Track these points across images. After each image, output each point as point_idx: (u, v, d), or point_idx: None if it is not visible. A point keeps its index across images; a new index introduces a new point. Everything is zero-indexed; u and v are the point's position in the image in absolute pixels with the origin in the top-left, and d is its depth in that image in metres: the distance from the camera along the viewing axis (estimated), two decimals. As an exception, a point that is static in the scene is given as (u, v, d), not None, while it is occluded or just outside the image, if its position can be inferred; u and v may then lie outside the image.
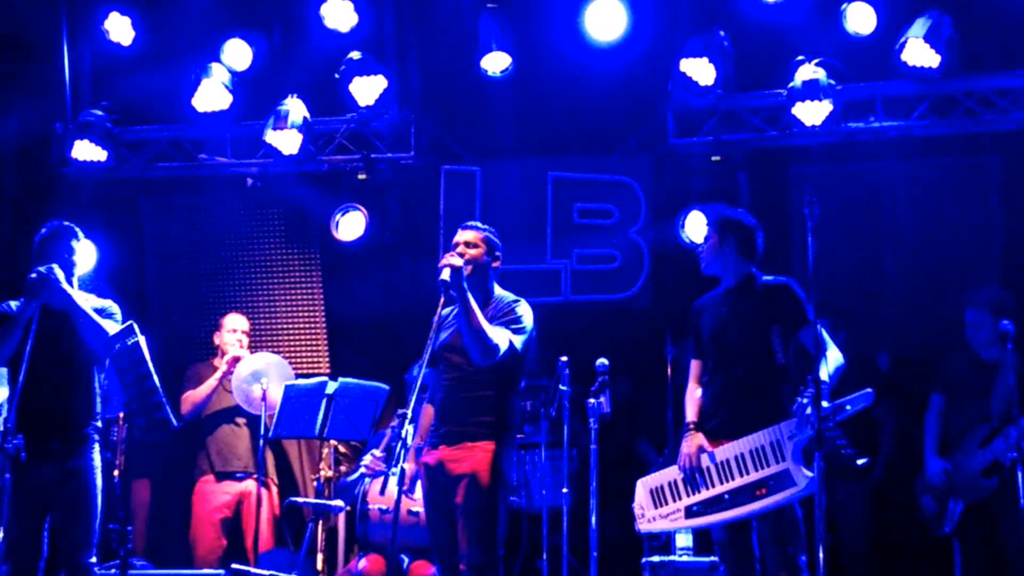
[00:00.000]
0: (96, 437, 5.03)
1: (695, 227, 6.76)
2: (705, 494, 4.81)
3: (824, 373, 4.68)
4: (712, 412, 4.89)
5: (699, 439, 4.85)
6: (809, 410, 4.55)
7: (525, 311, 4.82)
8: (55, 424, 4.98)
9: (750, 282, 4.95)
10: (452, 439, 4.74)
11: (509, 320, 4.76)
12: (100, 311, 5.12)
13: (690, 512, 4.87)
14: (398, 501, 4.42)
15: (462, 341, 4.66)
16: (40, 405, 4.96)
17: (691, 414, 4.95)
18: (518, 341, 4.71)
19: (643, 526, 5.07)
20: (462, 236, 4.90)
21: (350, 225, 7.34)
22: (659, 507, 4.94)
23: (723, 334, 4.91)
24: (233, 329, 7.12)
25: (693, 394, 4.99)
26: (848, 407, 4.78)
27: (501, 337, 4.67)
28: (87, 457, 4.98)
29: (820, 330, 4.79)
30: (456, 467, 4.69)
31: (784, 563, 4.69)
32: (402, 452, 4.52)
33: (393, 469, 4.68)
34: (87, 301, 5.14)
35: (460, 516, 4.65)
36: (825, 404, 4.61)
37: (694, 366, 5.05)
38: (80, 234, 5.18)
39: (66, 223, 5.16)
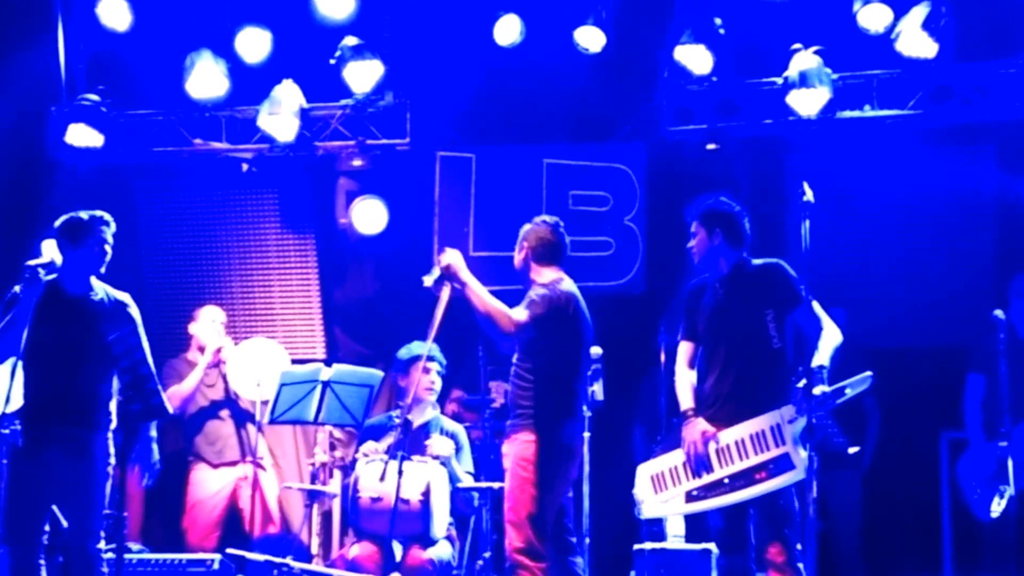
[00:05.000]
0: (108, 423, 5.03)
1: None
2: (706, 479, 4.78)
3: (823, 355, 4.68)
4: (711, 400, 4.86)
5: (702, 424, 4.81)
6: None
7: (540, 292, 4.93)
8: (65, 409, 4.98)
9: (742, 268, 4.93)
10: (507, 431, 4.94)
11: (529, 300, 4.90)
12: (114, 304, 5.11)
13: (690, 497, 4.83)
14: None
15: None
16: (50, 390, 4.97)
17: (688, 400, 4.92)
18: (524, 315, 4.83)
19: (644, 512, 5.05)
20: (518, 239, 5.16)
21: (369, 217, 7.33)
22: (659, 492, 4.92)
23: (719, 322, 4.88)
24: (212, 321, 7.10)
25: (685, 378, 4.96)
26: (848, 390, 4.74)
27: (509, 313, 4.81)
28: (97, 443, 4.99)
29: (816, 308, 4.78)
30: (505, 460, 4.89)
31: (780, 549, 4.65)
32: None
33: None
34: (104, 293, 5.14)
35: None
36: (825, 388, 4.61)
37: (684, 348, 5.01)
38: (111, 222, 5.16)
39: (97, 213, 5.13)
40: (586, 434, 5.75)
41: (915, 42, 6.46)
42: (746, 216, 5.00)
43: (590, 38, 6.96)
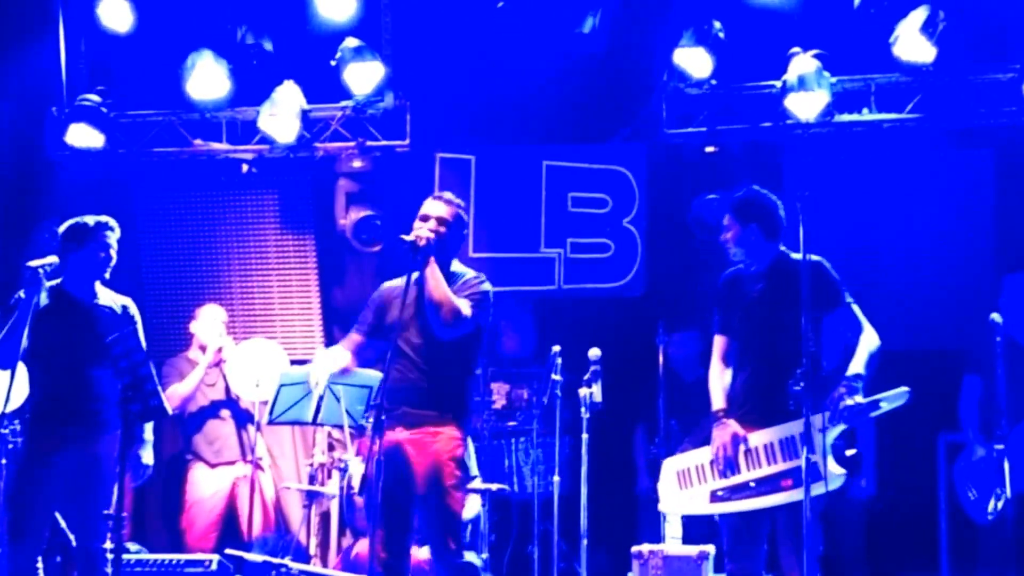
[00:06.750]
0: (115, 424, 5.05)
1: None
2: (732, 480, 4.67)
3: (860, 362, 4.58)
4: (742, 400, 4.73)
5: (733, 426, 4.68)
6: (843, 404, 4.48)
7: (488, 289, 4.75)
8: (73, 411, 5.01)
9: (781, 263, 4.74)
10: (410, 421, 4.63)
11: (472, 295, 4.69)
12: (117, 307, 5.15)
13: (715, 497, 4.72)
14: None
15: (424, 314, 4.61)
16: (58, 392, 5.00)
17: (719, 400, 4.77)
18: (469, 310, 4.63)
19: (666, 507, 5.01)
20: (435, 209, 4.80)
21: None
22: (684, 489, 4.81)
23: (754, 319, 4.73)
24: (214, 320, 7.11)
25: (720, 375, 4.81)
26: (884, 404, 4.63)
27: (464, 306, 4.62)
28: (103, 444, 5.02)
29: (856, 310, 4.68)
30: (418, 453, 4.60)
31: (799, 559, 4.47)
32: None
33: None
34: (108, 298, 5.18)
35: (423, 507, 4.61)
36: (860, 399, 4.53)
37: (719, 342, 4.86)
38: (115, 227, 5.17)
39: (103, 218, 5.16)
40: (584, 435, 5.79)
41: (913, 46, 6.48)
42: (782, 207, 4.81)
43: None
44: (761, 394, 4.67)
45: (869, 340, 4.68)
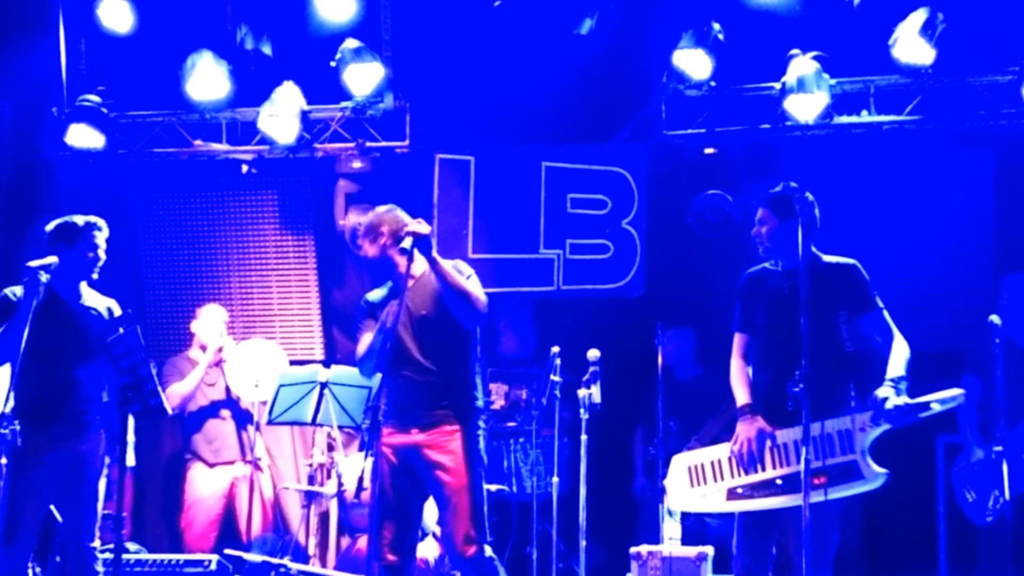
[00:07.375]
0: (101, 423, 5.08)
1: None
2: (754, 477, 4.56)
3: (899, 366, 4.53)
4: (768, 398, 4.64)
5: (759, 422, 4.59)
6: (890, 404, 4.43)
7: (471, 270, 4.79)
8: (61, 410, 5.03)
9: (813, 263, 4.64)
10: (425, 423, 4.65)
11: (469, 278, 4.72)
12: (104, 308, 5.16)
13: (733, 494, 4.60)
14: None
15: (429, 312, 4.63)
16: (46, 392, 5.01)
17: (744, 396, 4.67)
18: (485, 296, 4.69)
19: (673, 503, 4.94)
20: (392, 219, 4.91)
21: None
22: (696, 486, 4.69)
23: (785, 318, 4.60)
24: (214, 320, 7.13)
25: (741, 371, 4.74)
26: (936, 405, 4.54)
27: (480, 291, 4.65)
28: (92, 442, 5.04)
29: (886, 315, 4.65)
30: (439, 453, 4.62)
31: (815, 560, 4.40)
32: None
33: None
34: (93, 299, 5.19)
35: (448, 505, 4.62)
36: (907, 400, 4.47)
37: (739, 340, 4.78)
38: (104, 227, 5.19)
39: (92, 218, 5.18)
40: (583, 436, 5.80)
41: (913, 48, 6.48)
42: (817, 207, 4.74)
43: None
44: (790, 394, 4.47)
45: (902, 345, 4.65)
